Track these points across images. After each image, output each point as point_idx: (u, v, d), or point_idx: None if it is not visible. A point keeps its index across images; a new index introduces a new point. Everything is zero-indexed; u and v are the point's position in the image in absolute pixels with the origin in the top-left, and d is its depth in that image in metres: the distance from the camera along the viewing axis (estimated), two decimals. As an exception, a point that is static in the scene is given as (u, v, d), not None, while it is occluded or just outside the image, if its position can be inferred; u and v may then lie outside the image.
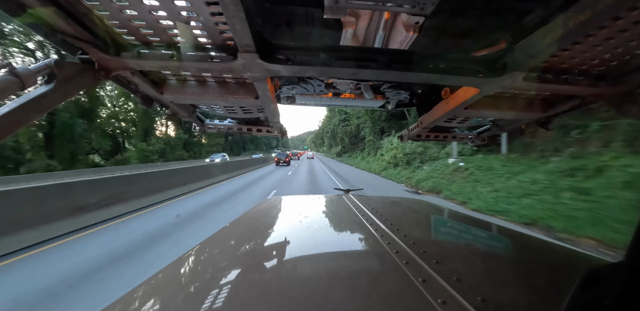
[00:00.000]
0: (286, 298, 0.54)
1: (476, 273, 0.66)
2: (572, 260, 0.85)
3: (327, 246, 0.88)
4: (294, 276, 0.66)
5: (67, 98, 0.80)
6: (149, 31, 0.78)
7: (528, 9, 0.81)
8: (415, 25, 0.87)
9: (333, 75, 0.99)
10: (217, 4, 0.62)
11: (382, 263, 0.73)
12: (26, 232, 4.70)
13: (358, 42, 1.23)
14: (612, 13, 0.64)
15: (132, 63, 0.86)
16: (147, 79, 1.09)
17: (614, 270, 0.28)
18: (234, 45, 0.80)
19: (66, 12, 0.67)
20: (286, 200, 1.69)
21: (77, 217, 5.72)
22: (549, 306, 0.52)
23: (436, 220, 1.34)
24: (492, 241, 1.02)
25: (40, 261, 4.14)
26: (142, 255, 4.27)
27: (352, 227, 1.09)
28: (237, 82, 1.20)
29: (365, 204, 1.39)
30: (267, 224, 1.24)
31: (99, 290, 3.22)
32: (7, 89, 0.63)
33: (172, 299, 0.58)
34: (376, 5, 0.76)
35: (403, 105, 1.91)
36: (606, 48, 0.84)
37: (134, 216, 6.94)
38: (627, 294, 0.27)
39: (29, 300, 3.07)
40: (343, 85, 1.55)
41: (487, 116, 1.54)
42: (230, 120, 1.85)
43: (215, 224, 5.73)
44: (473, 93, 1.09)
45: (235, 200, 8.95)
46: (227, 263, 0.76)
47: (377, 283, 0.62)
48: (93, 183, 6.78)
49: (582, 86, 1.01)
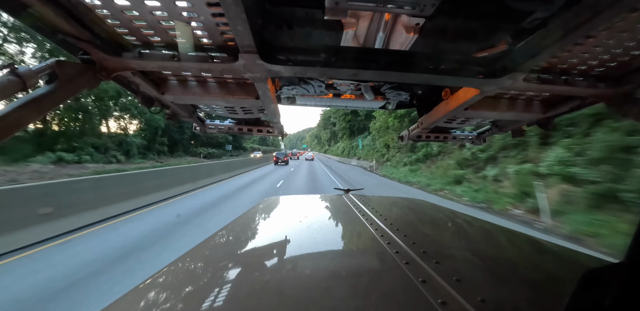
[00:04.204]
0: (286, 298, 0.54)
1: (476, 273, 0.66)
2: (572, 260, 0.85)
3: (327, 246, 0.88)
4: (294, 276, 0.66)
5: (68, 98, 0.81)
6: (150, 31, 0.78)
7: (528, 10, 0.82)
8: (416, 26, 0.87)
9: (333, 75, 0.99)
10: (219, 5, 0.62)
11: (382, 263, 0.73)
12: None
13: (359, 43, 1.23)
14: (612, 14, 0.64)
15: (133, 63, 0.86)
16: (148, 79, 1.09)
17: (614, 270, 0.28)
18: (235, 46, 0.80)
19: (67, 12, 0.68)
20: (286, 199, 1.69)
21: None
22: (549, 306, 0.52)
23: (436, 220, 1.34)
24: (492, 242, 1.02)
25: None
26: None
27: (352, 226, 1.09)
28: (238, 83, 1.20)
29: (365, 204, 1.39)
30: (267, 224, 1.24)
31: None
32: (8, 89, 0.64)
33: (172, 299, 0.58)
34: (377, 6, 0.76)
35: (403, 105, 1.91)
36: (606, 49, 0.84)
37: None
38: (627, 294, 0.27)
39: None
40: (343, 86, 1.56)
41: (488, 117, 1.54)
42: (231, 121, 1.86)
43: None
44: (473, 94, 1.09)
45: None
46: (227, 263, 0.76)
47: (377, 283, 0.62)
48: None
49: (582, 87, 1.01)
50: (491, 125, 1.82)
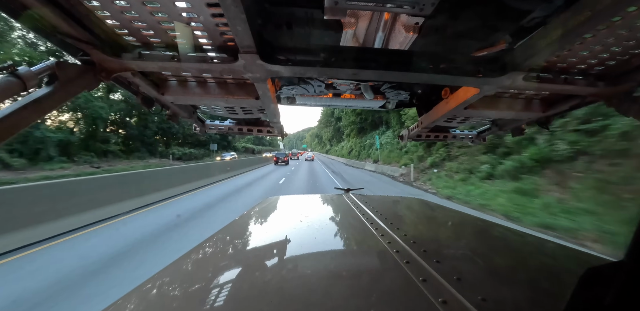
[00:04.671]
0: (287, 298, 0.54)
1: (477, 272, 0.66)
2: (572, 259, 0.85)
3: (328, 246, 0.88)
4: (295, 276, 0.66)
5: (68, 99, 0.81)
6: (150, 32, 0.78)
7: (528, 9, 0.82)
8: (415, 25, 0.87)
9: (333, 75, 0.99)
10: (218, 6, 0.62)
11: (383, 262, 0.73)
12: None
13: (358, 42, 1.23)
14: (611, 13, 0.64)
15: (133, 64, 0.86)
16: (148, 80, 1.09)
17: (615, 269, 0.28)
18: (235, 46, 0.80)
19: (67, 13, 0.68)
20: (286, 199, 1.69)
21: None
22: (550, 305, 0.52)
23: (437, 220, 1.34)
24: (492, 241, 1.02)
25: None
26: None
27: (353, 226, 1.09)
28: (238, 83, 1.20)
29: (365, 203, 1.39)
30: (268, 224, 1.24)
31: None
32: (9, 90, 0.64)
33: (173, 299, 0.58)
34: (376, 6, 0.76)
35: (403, 105, 1.91)
36: (605, 48, 0.84)
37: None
38: (627, 293, 0.27)
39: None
40: (343, 86, 1.56)
41: (487, 116, 1.54)
42: (231, 121, 1.86)
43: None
44: (473, 93, 1.09)
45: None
46: (227, 263, 0.76)
47: (378, 282, 0.62)
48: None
49: (581, 86, 1.01)
50: (491, 124, 1.82)
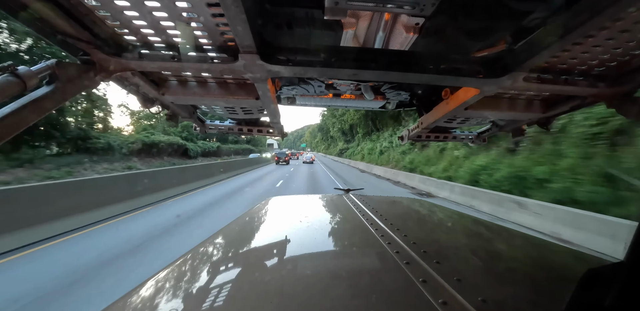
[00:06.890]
0: (286, 298, 0.54)
1: (477, 273, 0.66)
2: (572, 260, 0.85)
3: (327, 246, 0.88)
4: (295, 276, 0.66)
5: (68, 99, 0.81)
6: (150, 32, 0.78)
7: (528, 10, 0.82)
8: (415, 26, 0.87)
9: (333, 75, 0.99)
10: (219, 6, 0.62)
11: (383, 263, 0.73)
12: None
13: (358, 43, 1.23)
14: (612, 14, 0.64)
15: (133, 64, 0.86)
16: (148, 80, 1.09)
17: (615, 269, 0.28)
18: (235, 46, 0.80)
19: (67, 13, 0.68)
20: (286, 200, 1.69)
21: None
22: (550, 306, 0.52)
23: (437, 220, 1.34)
24: (492, 242, 1.02)
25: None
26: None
27: (353, 226, 1.09)
28: (238, 83, 1.20)
29: (365, 204, 1.39)
30: (268, 224, 1.24)
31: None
32: (8, 90, 0.63)
33: (172, 299, 0.58)
34: (376, 6, 0.76)
35: (403, 105, 1.91)
36: (606, 49, 0.84)
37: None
38: (627, 294, 0.27)
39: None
40: (343, 86, 1.56)
41: (488, 116, 1.54)
42: (231, 121, 1.86)
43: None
44: (473, 93, 1.09)
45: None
46: (227, 263, 0.76)
47: (378, 283, 0.62)
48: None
49: (582, 86, 1.01)
50: (491, 124, 1.82)
